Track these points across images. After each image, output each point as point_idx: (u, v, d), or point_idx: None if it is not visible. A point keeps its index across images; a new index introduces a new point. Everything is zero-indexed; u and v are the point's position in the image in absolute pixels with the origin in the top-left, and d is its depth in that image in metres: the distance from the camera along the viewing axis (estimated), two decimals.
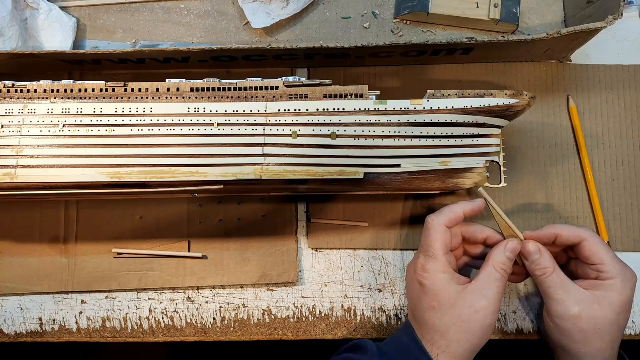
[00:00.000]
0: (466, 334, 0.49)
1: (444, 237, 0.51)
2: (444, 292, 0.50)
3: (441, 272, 0.50)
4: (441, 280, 0.50)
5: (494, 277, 0.50)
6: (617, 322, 0.50)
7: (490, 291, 0.50)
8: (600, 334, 0.49)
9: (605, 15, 0.53)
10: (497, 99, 0.53)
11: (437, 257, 0.51)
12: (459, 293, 0.50)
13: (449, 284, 0.50)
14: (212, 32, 0.65)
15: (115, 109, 0.52)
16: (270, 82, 0.53)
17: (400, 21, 0.65)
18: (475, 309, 0.49)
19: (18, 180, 0.51)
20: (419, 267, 0.52)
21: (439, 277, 0.50)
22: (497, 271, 0.51)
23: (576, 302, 0.50)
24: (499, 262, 0.51)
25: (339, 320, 0.61)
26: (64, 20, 0.63)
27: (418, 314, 0.52)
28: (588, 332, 0.49)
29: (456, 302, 0.50)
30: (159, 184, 0.52)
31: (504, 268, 0.51)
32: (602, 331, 0.49)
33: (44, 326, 0.62)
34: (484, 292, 0.50)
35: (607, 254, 0.51)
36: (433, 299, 0.50)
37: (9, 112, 0.52)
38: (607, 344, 0.50)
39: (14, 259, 0.62)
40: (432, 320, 0.50)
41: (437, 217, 0.52)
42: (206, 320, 0.61)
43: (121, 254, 0.61)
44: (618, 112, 0.63)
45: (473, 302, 0.49)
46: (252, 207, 0.62)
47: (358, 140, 0.52)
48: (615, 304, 0.50)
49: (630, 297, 0.51)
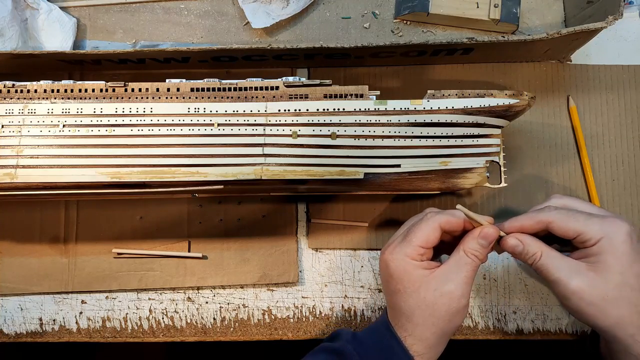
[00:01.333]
0: (431, 318, 0.48)
1: (432, 233, 0.49)
2: (409, 275, 0.49)
3: (409, 257, 0.49)
4: (407, 264, 0.49)
5: (462, 262, 0.49)
6: (625, 282, 0.45)
7: (457, 275, 0.48)
8: (612, 300, 0.46)
9: (605, 15, 0.53)
10: (497, 99, 0.53)
11: (411, 245, 0.49)
12: (424, 277, 0.49)
13: (415, 268, 0.49)
14: (212, 32, 0.65)
15: (115, 109, 0.52)
16: (270, 82, 0.53)
17: (400, 21, 0.65)
18: (440, 292, 0.48)
19: (18, 180, 0.51)
20: (389, 248, 0.51)
21: (405, 260, 0.49)
22: (467, 255, 0.49)
23: (572, 277, 0.47)
24: (470, 247, 0.49)
25: (339, 320, 0.61)
26: (64, 20, 0.63)
27: (388, 297, 0.52)
28: (598, 304, 0.46)
29: (421, 285, 0.49)
30: (159, 184, 0.52)
31: (475, 254, 0.49)
32: (613, 297, 0.46)
33: (44, 326, 0.62)
34: (450, 275, 0.49)
35: (578, 221, 0.47)
36: (398, 282, 0.49)
37: (9, 112, 0.52)
38: (626, 309, 0.45)
39: (14, 259, 0.62)
40: (399, 304, 0.50)
41: (437, 214, 0.50)
42: (206, 320, 0.61)
43: (121, 254, 0.61)
44: (618, 112, 0.63)
45: (438, 286, 0.48)
46: (252, 207, 0.62)
47: (358, 140, 0.52)
48: (612, 265, 0.46)
49: (627, 249, 0.45)
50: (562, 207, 0.49)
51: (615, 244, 0.46)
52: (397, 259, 0.50)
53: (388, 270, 0.50)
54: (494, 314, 0.61)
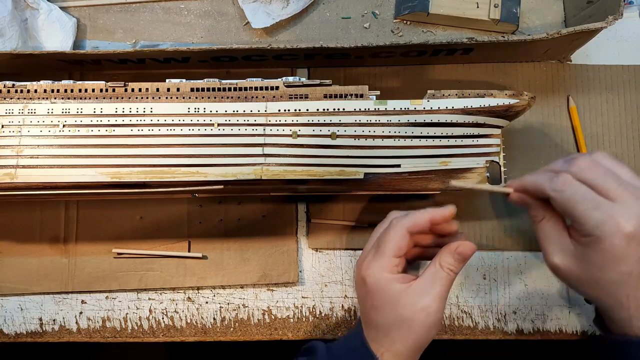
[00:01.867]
0: (408, 332, 0.48)
1: (401, 240, 0.49)
2: (386, 291, 0.49)
3: (385, 271, 0.49)
4: (384, 279, 0.49)
5: (438, 276, 0.49)
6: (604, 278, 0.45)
7: (433, 289, 0.48)
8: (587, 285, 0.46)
9: (605, 15, 0.53)
10: (497, 99, 0.53)
11: (385, 257, 0.49)
12: (401, 292, 0.48)
13: (391, 283, 0.49)
14: (212, 32, 0.65)
15: (115, 109, 0.52)
16: (270, 82, 0.53)
17: (400, 21, 0.65)
18: (416, 308, 0.48)
19: (18, 180, 0.51)
20: (365, 263, 0.50)
21: (382, 275, 0.49)
22: (443, 270, 0.49)
23: (555, 253, 0.47)
24: (446, 261, 0.49)
25: (339, 320, 0.61)
26: (64, 20, 0.63)
27: (364, 313, 0.51)
28: (574, 282, 0.47)
29: (398, 300, 0.48)
30: (159, 184, 0.52)
31: (451, 268, 0.49)
32: (588, 284, 0.46)
33: (44, 326, 0.62)
34: (427, 290, 0.48)
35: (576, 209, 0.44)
36: (375, 298, 0.49)
37: (9, 112, 0.52)
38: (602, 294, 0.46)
39: (14, 259, 0.62)
40: (376, 319, 0.50)
41: (402, 220, 0.50)
42: (206, 320, 0.61)
43: (121, 254, 0.61)
44: (618, 112, 0.63)
45: (415, 301, 0.48)
46: (252, 207, 0.62)
47: (358, 140, 0.52)
48: (596, 262, 0.45)
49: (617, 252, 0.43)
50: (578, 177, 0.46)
51: (606, 245, 0.44)
52: (373, 274, 0.49)
53: (365, 286, 0.50)
54: (494, 314, 0.61)
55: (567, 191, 0.45)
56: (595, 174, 0.45)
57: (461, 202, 0.62)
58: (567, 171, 0.46)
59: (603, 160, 0.46)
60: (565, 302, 0.61)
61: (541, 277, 0.61)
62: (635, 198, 0.44)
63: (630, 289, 0.45)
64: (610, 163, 0.46)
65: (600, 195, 0.44)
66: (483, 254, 0.62)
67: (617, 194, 0.44)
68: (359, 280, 0.51)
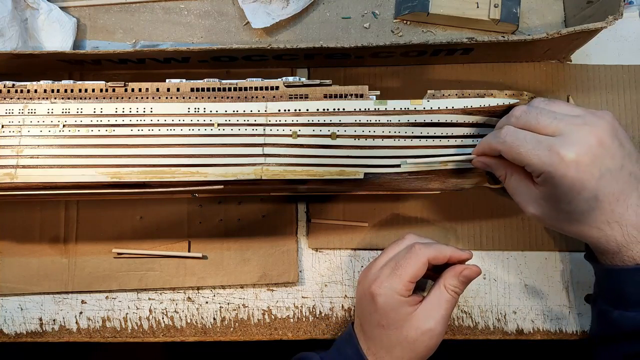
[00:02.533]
0: (410, 353, 0.50)
1: (420, 269, 0.51)
2: (395, 313, 0.50)
3: (398, 294, 0.50)
4: (395, 301, 0.50)
5: (443, 298, 0.51)
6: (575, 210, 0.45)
7: (437, 313, 0.50)
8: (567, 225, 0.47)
9: (605, 15, 0.53)
10: (497, 99, 0.53)
11: (401, 281, 0.50)
12: (408, 315, 0.50)
13: (402, 306, 0.50)
14: (212, 32, 0.65)
15: (115, 109, 0.52)
16: (270, 82, 0.53)
17: (400, 21, 0.65)
18: (422, 331, 0.50)
19: (18, 180, 0.51)
20: (379, 279, 0.51)
21: (394, 297, 0.50)
22: (448, 292, 0.51)
23: (528, 204, 0.48)
24: (451, 284, 0.51)
25: (339, 320, 0.61)
26: (64, 20, 0.63)
27: (367, 327, 0.53)
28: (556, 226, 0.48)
29: (405, 322, 0.50)
30: (159, 184, 0.52)
31: (455, 290, 0.51)
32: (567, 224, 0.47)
33: (44, 326, 0.62)
34: (432, 313, 0.51)
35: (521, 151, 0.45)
36: (383, 317, 0.51)
37: (9, 112, 0.52)
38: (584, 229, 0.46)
39: (14, 259, 0.62)
40: (380, 337, 0.51)
41: (425, 249, 0.51)
42: (206, 320, 0.61)
43: (121, 254, 0.61)
44: (618, 112, 0.63)
45: (420, 324, 0.50)
46: (252, 207, 0.62)
47: (358, 140, 0.52)
48: (556, 197, 0.45)
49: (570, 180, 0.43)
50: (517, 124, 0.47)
51: (557, 179, 0.44)
52: (385, 294, 0.51)
53: (374, 304, 0.51)
54: (494, 314, 0.61)
55: (509, 139, 0.46)
56: (530, 116, 0.46)
57: (461, 201, 0.62)
58: (507, 123, 0.48)
59: (539, 103, 0.48)
60: (565, 302, 0.61)
61: (541, 277, 0.61)
62: (572, 125, 0.44)
63: (606, 214, 0.45)
64: (544, 103, 0.48)
65: (539, 135, 0.45)
66: (483, 253, 0.62)
67: (553, 128, 0.45)
68: (368, 294, 0.52)
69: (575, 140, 0.44)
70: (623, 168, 0.44)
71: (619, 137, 0.45)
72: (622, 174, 0.44)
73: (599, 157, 0.44)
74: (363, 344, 0.53)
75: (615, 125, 0.45)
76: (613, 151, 0.44)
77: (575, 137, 0.44)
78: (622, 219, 0.45)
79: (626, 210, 0.45)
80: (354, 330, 0.55)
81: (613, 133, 0.45)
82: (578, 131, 0.44)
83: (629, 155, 0.45)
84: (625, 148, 0.45)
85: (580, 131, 0.44)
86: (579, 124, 0.44)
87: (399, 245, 0.54)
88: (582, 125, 0.44)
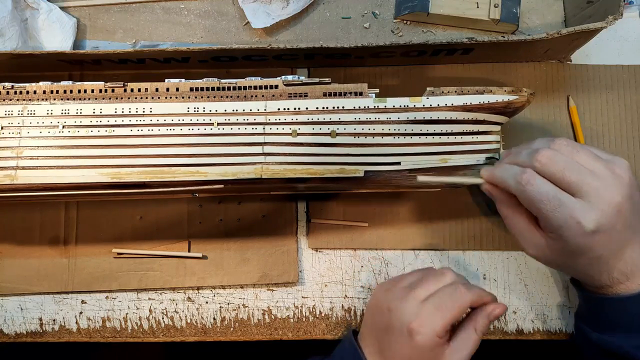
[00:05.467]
0: None
1: (462, 313, 0.51)
2: (430, 353, 0.49)
3: (437, 335, 0.49)
4: (433, 343, 0.49)
5: (472, 339, 0.51)
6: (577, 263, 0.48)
7: (464, 352, 0.50)
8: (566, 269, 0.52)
9: (605, 15, 0.53)
10: (496, 96, 0.53)
11: (443, 323, 0.49)
12: (438, 355, 0.50)
13: (438, 347, 0.49)
14: (212, 32, 0.65)
15: (115, 109, 0.52)
16: (270, 81, 0.53)
17: (400, 21, 0.65)
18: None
19: (18, 182, 0.51)
20: (420, 318, 0.49)
21: (434, 339, 0.49)
22: (477, 334, 0.51)
23: (529, 246, 0.50)
24: (481, 325, 0.51)
25: (339, 320, 0.61)
26: (64, 20, 0.63)
27: (387, 353, 0.51)
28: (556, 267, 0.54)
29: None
30: (159, 184, 0.52)
31: (483, 330, 0.51)
32: (566, 268, 0.51)
33: (44, 326, 0.62)
34: (460, 354, 0.50)
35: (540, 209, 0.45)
36: (415, 355, 0.49)
37: (9, 113, 0.52)
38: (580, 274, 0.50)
39: (14, 259, 0.62)
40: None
41: (469, 294, 0.50)
42: (206, 320, 0.61)
43: (121, 254, 0.61)
44: (618, 112, 0.63)
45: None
46: (252, 207, 0.62)
47: (358, 138, 0.52)
48: (563, 254, 0.47)
49: (579, 243, 0.45)
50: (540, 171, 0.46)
51: (571, 243, 0.45)
52: (426, 334, 0.49)
53: (412, 341, 0.49)
54: None
55: (530, 190, 0.46)
56: (555, 167, 0.45)
57: (462, 201, 0.62)
58: (530, 166, 0.47)
59: (564, 149, 0.47)
60: (565, 302, 0.61)
61: (541, 277, 0.61)
62: (595, 190, 0.44)
63: (603, 266, 0.47)
64: (570, 150, 0.47)
65: (562, 191, 0.45)
66: (483, 253, 0.62)
67: (577, 188, 0.45)
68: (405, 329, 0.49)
69: (596, 209, 0.44)
70: (629, 228, 0.46)
71: (633, 195, 0.46)
72: (627, 233, 0.46)
73: (614, 225, 0.44)
74: (372, 357, 0.52)
75: (633, 182, 0.46)
76: (626, 215, 0.45)
77: (597, 205, 0.44)
78: (613, 268, 0.47)
79: (619, 262, 0.47)
80: (358, 343, 0.54)
81: (630, 194, 0.45)
82: (600, 199, 0.44)
83: (637, 212, 0.46)
84: (636, 205, 0.46)
85: (601, 199, 0.44)
86: (602, 190, 0.44)
87: (439, 280, 0.52)
88: (604, 192, 0.44)
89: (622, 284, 0.47)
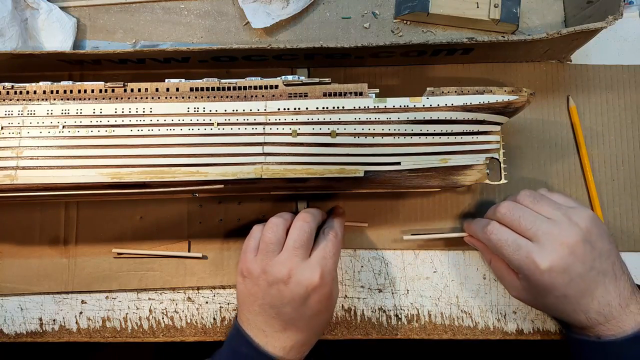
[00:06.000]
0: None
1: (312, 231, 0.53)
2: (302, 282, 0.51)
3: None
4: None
5: (328, 239, 0.54)
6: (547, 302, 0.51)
7: (323, 250, 0.53)
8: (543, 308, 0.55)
9: (605, 15, 0.53)
10: (496, 96, 0.53)
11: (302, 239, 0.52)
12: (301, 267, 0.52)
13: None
14: (212, 32, 0.65)
15: (115, 109, 0.52)
16: (270, 81, 0.53)
17: (400, 21, 0.65)
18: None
19: (18, 182, 0.51)
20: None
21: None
22: (324, 234, 0.54)
23: (509, 288, 0.55)
24: (327, 227, 0.55)
25: (339, 320, 0.61)
26: (64, 20, 0.63)
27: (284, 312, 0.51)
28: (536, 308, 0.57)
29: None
30: (159, 184, 0.52)
31: (336, 232, 0.55)
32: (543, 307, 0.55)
33: (44, 326, 0.62)
34: (319, 251, 0.53)
35: (504, 253, 0.51)
36: (295, 289, 0.50)
37: (9, 113, 0.52)
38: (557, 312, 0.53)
39: (14, 259, 0.62)
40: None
41: (309, 215, 0.54)
42: (206, 320, 0.61)
43: (121, 254, 0.61)
44: (618, 112, 0.63)
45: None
46: (252, 207, 0.62)
47: (358, 138, 0.52)
48: (536, 292, 0.51)
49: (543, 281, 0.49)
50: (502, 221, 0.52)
51: (532, 281, 0.50)
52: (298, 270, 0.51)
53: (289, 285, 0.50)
54: (494, 314, 0.61)
55: (493, 238, 0.52)
56: (513, 216, 0.52)
57: (462, 201, 0.62)
58: (494, 217, 0.54)
59: (524, 200, 0.53)
60: None
61: None
62: (548, 235, 0.49)
63: (574, 305, 0.50)
64: (530, 201, 0.52)
65: (520, 237, 0.51)
66: None
67: (532, 233, 0.50)
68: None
69: (549, 250, 0.49)
70: (592, 269, 0.49)
71: (592, 241, 0.50)
72: (591, 274, 0.49)
73: (570, 264, 0.49)
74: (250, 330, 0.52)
75: (590, 228, 0.50)
76: (583, 257, 0.49)
77: (550, 248, 0.49)
78: (588, 308, 0.50)
79: (591, 301, 0.50)
80: (242, 328, 0.53)
81: (585, 238, 0.49)
82: (553, 241, 0.49)
83: (599, 256, 0.50)
84: (596, 249, 0.50)
85: (555, 242, 0.49)
86: (556, 234, 0.49)
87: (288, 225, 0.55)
88: (557, 235, 0.49)
89: (602, 326, 0.50)
